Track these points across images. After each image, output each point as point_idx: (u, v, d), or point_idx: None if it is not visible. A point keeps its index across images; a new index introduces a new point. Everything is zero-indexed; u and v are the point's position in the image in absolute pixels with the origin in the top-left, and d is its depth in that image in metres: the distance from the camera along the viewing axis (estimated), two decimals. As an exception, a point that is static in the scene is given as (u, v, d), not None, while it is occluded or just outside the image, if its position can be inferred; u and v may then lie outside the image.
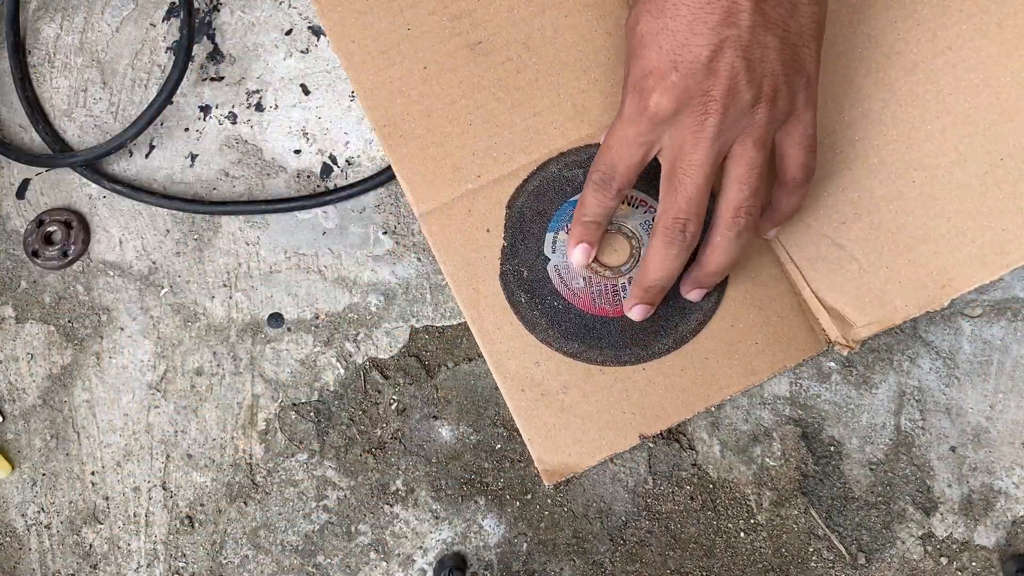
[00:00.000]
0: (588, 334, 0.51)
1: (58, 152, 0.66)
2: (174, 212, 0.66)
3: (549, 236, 0.52)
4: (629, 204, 0.51)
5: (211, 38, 0.66)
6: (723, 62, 0.40)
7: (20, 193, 0.67)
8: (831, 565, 0.60)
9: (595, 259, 0.51)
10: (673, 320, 0.51)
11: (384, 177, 0.62)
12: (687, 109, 0.42)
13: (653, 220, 0.50)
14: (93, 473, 0.64)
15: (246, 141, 0.65)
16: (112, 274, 0.65)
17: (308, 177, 0.64)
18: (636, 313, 0.49)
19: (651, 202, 0.51)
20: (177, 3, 0.67)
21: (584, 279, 0.51)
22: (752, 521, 0.60)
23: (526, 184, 0.52)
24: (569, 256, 0.49)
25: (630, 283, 0.51)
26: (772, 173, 0.51)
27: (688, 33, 0.40)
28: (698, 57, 0.41)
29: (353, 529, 0.62)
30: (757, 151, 0.43)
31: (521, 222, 0.52)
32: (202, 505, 0.63)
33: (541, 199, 0.52)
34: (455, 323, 0.61)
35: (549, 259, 0.52)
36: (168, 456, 0.64)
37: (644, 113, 0.43)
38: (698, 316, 0.52)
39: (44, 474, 0.64)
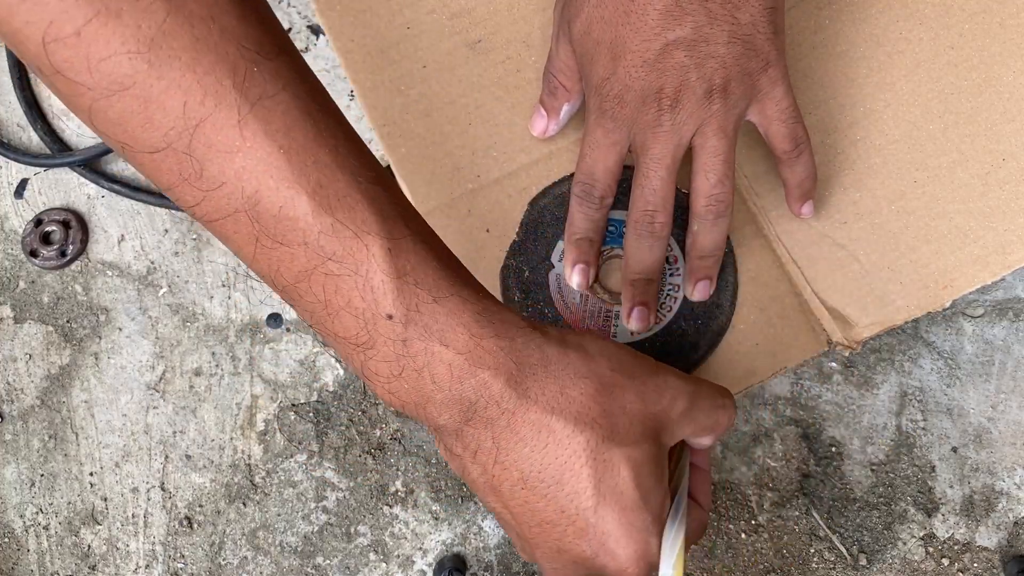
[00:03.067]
0: None
1: (56, 151, 0.66)
2: (173, 212, 0.65)
3: (561, 244, 0.51)
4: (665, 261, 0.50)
5: (210, 37, 0.66)
6: (672, 61, 0.44)
7: (18, 193, 0.67)
8: (832, 566, 0.60)
9: (597, 280, 0.51)
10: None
11: (383, 177, 0.61)
12: (644, 107, 0.44)
13: (680, 275, 0.51)
14: (91, 474, 0.64)
15: (245, 140, 0.65)
16: (111, 274, 0.65)
17: (307, 177, 0.64)
18: (636, 317, 0.49)
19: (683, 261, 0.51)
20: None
21: (581, 297, 0.51)
22: (753, 522, 0.60)
23: (554, 187, 0.52)
24: (567, 279, 0.49)
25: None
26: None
27: (637, 38, 0.44)
28: (647, 59, 0.44)
29: (352, 530, 0.62)
30: (719, 139, 0.45)
31: (538, 223, 0.52)
32: (201, 506, 0.63)
33: (564, 206, 0.52)
34: (455, 323, 0.61)
35: (554, 266, 0.51)
36: (167, 457, 0.64)
37: (606, 114, 0.45)
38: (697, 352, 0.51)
39: (42, 475, 0.64)
